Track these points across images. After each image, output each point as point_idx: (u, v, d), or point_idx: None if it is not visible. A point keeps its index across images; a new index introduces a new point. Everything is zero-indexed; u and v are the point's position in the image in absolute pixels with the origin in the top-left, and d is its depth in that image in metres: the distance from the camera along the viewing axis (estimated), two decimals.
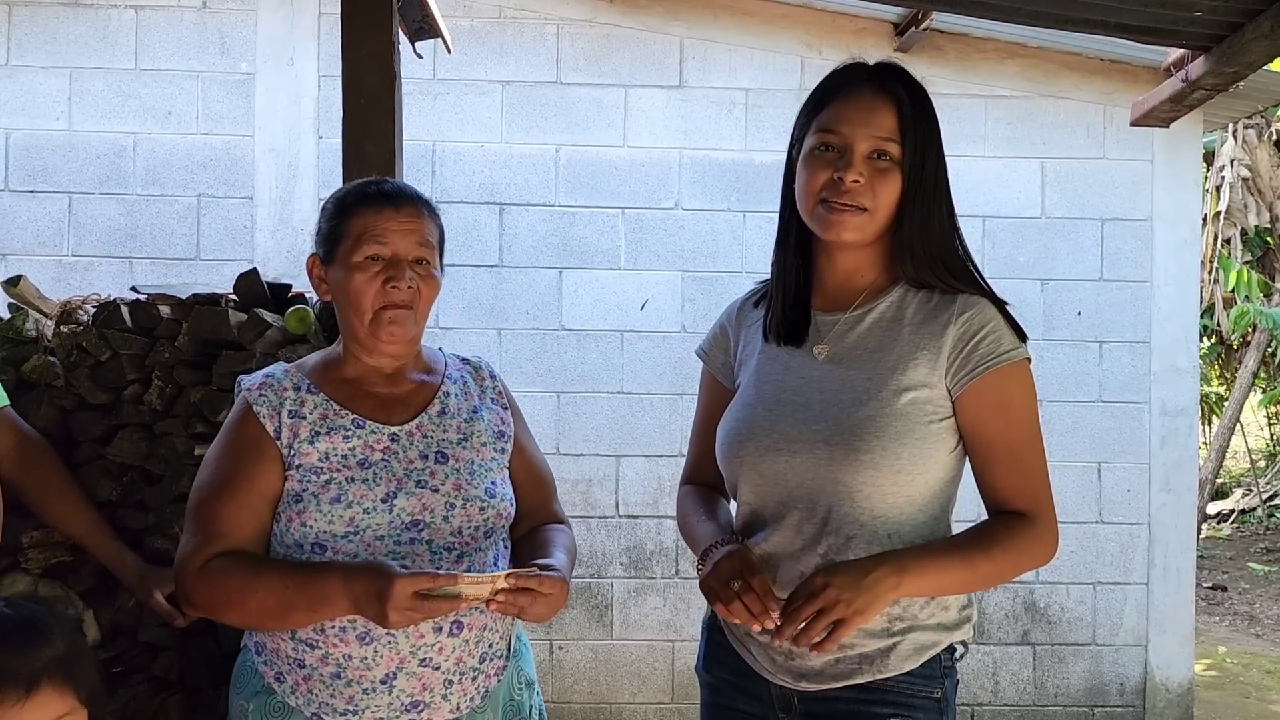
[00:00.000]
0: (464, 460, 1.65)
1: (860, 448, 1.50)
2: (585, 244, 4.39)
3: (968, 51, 4.40)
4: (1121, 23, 2.95)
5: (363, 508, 1.57)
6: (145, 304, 2.22)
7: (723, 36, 4.40)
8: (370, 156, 2.50)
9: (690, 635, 4.36)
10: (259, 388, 1.65)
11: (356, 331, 1.65)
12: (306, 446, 1.60)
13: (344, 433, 1.62)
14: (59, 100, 4.32)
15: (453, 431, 1.68)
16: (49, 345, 2.20)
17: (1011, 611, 4.42)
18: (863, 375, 1.56)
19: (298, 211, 4.34)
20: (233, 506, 1.58)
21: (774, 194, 1.75)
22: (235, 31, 4.34)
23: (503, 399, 1.79)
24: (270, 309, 2.28)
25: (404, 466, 1.61)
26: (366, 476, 1.59)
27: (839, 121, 1.56)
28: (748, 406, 1.62)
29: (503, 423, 1.75)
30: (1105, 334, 4.42)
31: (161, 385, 2.18)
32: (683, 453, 4.46)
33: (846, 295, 1.63)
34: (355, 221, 1.63)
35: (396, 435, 1.64)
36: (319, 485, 1.58)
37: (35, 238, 4.31)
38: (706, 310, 4.39)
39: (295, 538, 1.57)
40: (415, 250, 1.64)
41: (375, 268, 1.61)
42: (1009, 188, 4.44)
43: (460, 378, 1.76)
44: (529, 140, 4.39)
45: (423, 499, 1.59)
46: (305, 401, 1.64)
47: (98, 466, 2.16)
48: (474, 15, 4.37)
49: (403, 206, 1.65)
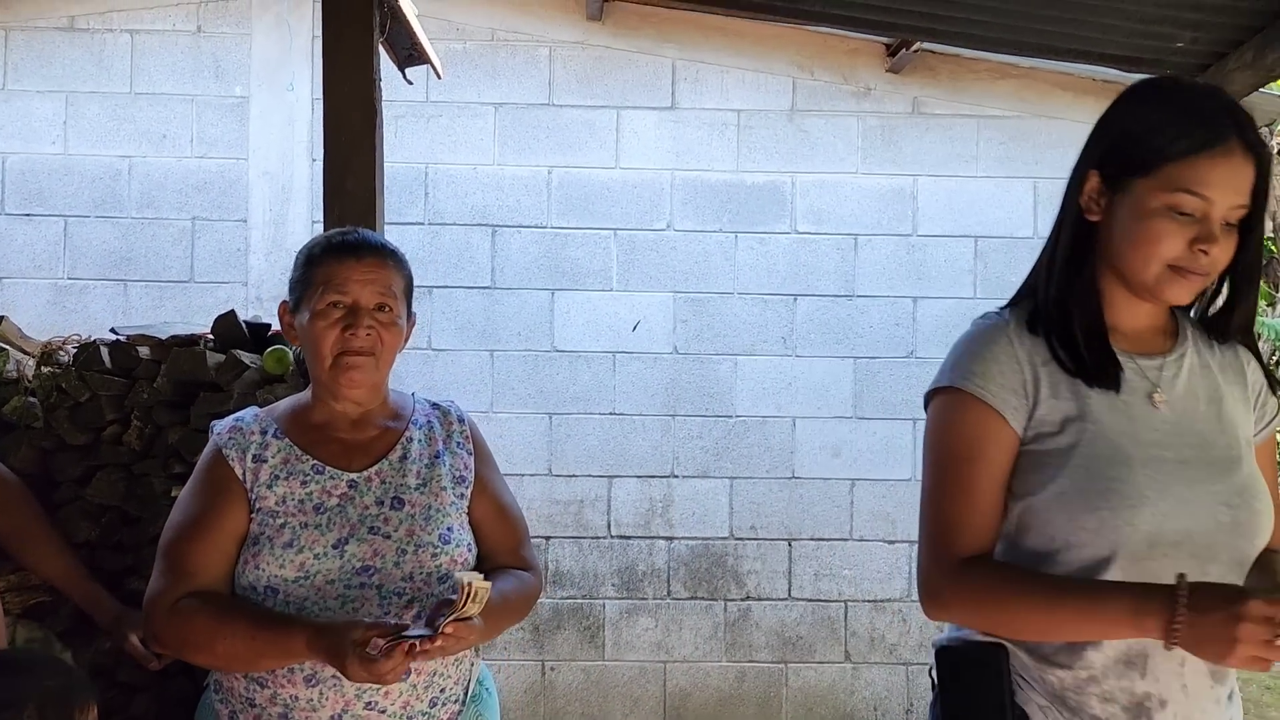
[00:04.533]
0: (420, 506, 1.68)
1: (1259, 509, 1.41)
2: (577, 265, 4.40)
3: (960, 72, 4.40)
4: (1105, 53, 2.96)
5: (314, 553, 1.60)
6: (124, 345, 2.24)
7: (714, 58, 4.41)
8: (353, 192, 2.52)
9: (682, 656, 4.37)
10: (229, 431, 1.70)
11: (319, 376, 1.69)
12: (266, 490, 1.64)
13: (302, 478, 1.65)
14: (54, 124, 4.35)
15: (412, 477, 1.70)
16: (29, 386, 2.22)
17: None
18: (1217, 428, 1.45)
19: (291, 234, 4.36)
20: (202, 546, 1.62)
21: (765, 215, 1.74)
22: (230, 55, 4.36)
23: (469, 443, 1.80)
24: (249, 348, 2.29)
25: (359, 512, 1.65)
26: (320, 522, 1.62)
27: (1208, 185, 1.37)
28: (1117, 463, 1.38)
29: (465, 468, 1.77)
30: None
31: (140, 426, 2.20)
32: (675, 473, 4.51)
33: (1149, 337, 1.50)
34: (320, 270, 1.68)
35: (355, 482, 1.67)
36: (274, 529, 1.62)
37: (31, 261, 4.34)
38: (698, 331, 4.40)
39: (249, 580, 1.61)
40: (376, 298, 1.67)
41: (336, 314, 1.66)
42: (1001, 207, 4.44)
43: (426, 423, 1.78)
44: (521, 162, 4.40)
45: (374, 545, 1.62)
46: (270, 445, 1.68)
47: (77, 507, 2.18)
48: (466, 38, 4.39)
49: (365, 256, 1.69)
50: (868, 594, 4.40)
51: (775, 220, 4.36)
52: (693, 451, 4.41)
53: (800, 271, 4.39)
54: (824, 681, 4.38)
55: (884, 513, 4.41)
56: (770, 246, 4.36)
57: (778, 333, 4.41)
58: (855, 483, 4.41)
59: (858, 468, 4.41)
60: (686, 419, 4.40)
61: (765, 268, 4.37)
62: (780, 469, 4.41)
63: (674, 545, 4.40)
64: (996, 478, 1.43)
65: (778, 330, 4.41)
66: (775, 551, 4.40)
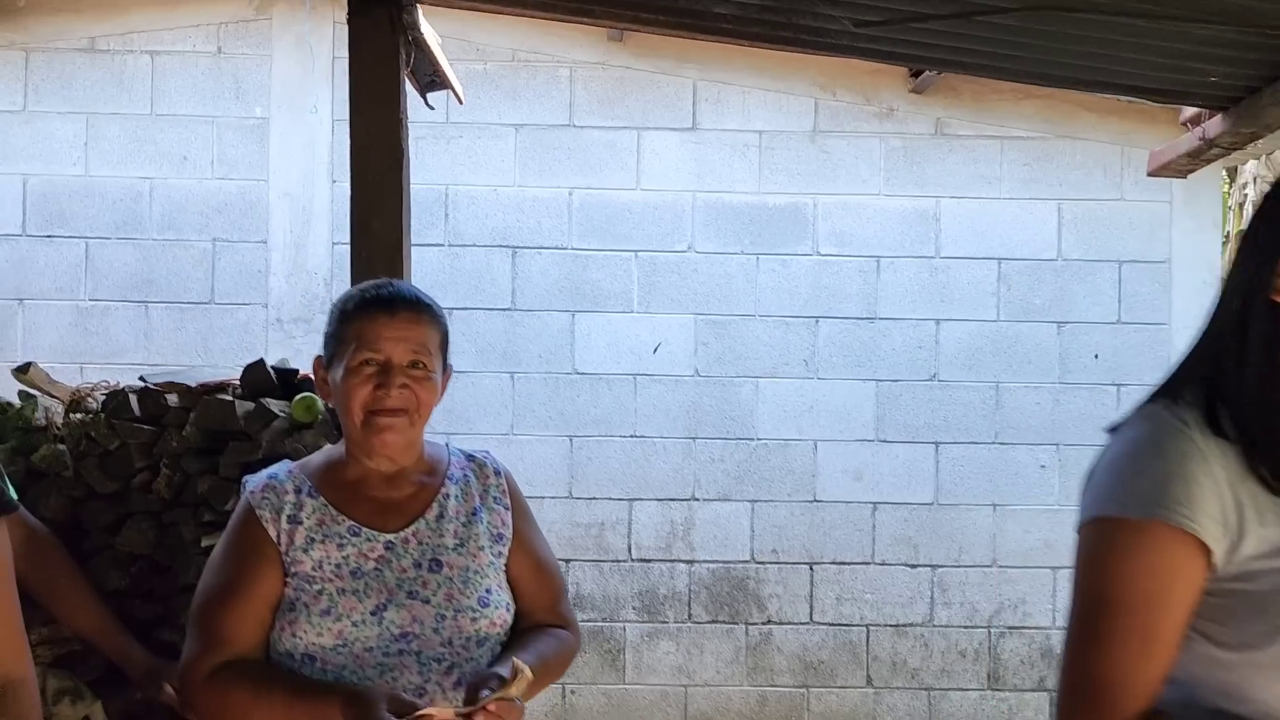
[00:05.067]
0: (458, 568, 1.66)
1: None
2: (598, 287, 4.38)
3: (983, 92, 4.36)
4: (1134, 85, 2.93)
5: (351, 620, 1.59)
6: (153, 392, 2.23)
7: (736, 78, 4.38)
8: (379, 233, 2.51)
9: (703, 680, 4.36)
10: (262, 490, 1.67)
11: (351, 433, 1.67)
12: (302, 554, 1.62)
13: (339, 540, 1.64)
14: (76, 146, 4.35)
15: (449, 537, 1.68)
16: (58, 433, 2.22)
17: (1028, 657, 4.38)
18: None
19: (312, 256, 4.36)
20: (236, 613, 1.60)
21: (787, 237, 1.71)
22: (250, 77, 4.35)
23: (506, 497, 1.78)
24: (277, 395, 2.29)
25: (396, 576, 1.63)
26: (358, 588, 1.61)
27: None
28: None
29: (502, 524, 1.74)
30: (1123, 377, 4.37)
31: (169, 474, 2.19)
32: (696, 496, 4.50)
33: None
34: (352, 327, 1.66)
35: (391, 543, 1.65)
36: (311, 595, 1.60)
37: (53, 283, 4.34)
38: (719, 354, 4.38)
39: (286, 647, 1.60)
40: (409, 355, 1.65)
41: (368, 371, 1.63)
42: (1025, 229, 4.40)
43: (463, 477, 1.76)
44: (542, 183, 4.39)
45: (413, 611, 1.61)
46: (304, 505, 1.65)
47: (107, 556, 2.18)
48: (487, 59, 4.37)
49: (398, 312, 1.66)
50: (890, 618, 4.37)
51: (797, 242, 4.34)
52: (714, 474, 4.39)
53: (822, 294, 4.36)
54: (846, 706, 4.36)
55: (906, 536, 4.39)
56: (792, 268, 4.34)
57: (799, 355, 4.39)
58: (877, 506, 4.39)
59: (880, 491, 4.39)
60: (708, 442, 4.38)
61: (787, 290, 4.35)
62: (802, 492, 4.39)
63: (695, 568, 4.39)
64: (1181, 624, 1.17)
65: (799, 353, 4.39)
66: (797, 575, 4.38)
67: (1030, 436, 4.34)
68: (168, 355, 4.33)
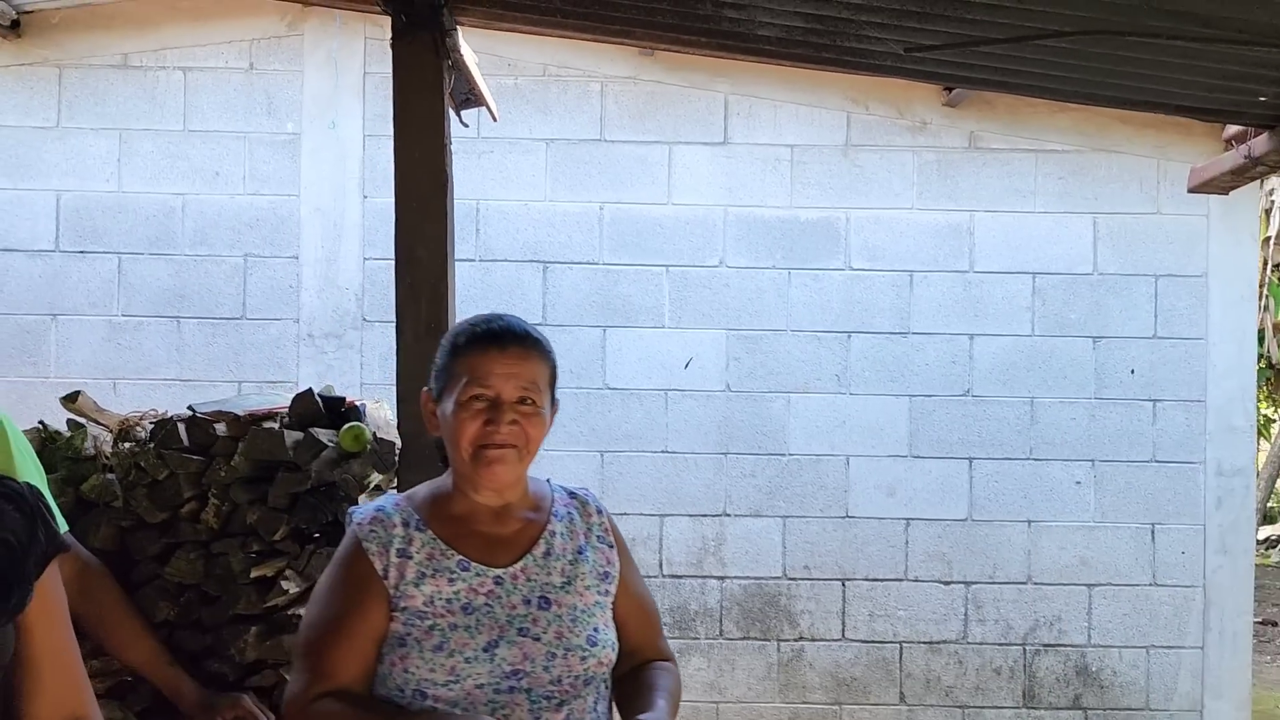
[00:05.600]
0: (566, 606, 1.66)
1: None
2: (629, 302, 4.37)
3: (1018, 105, 4.33)
4: (1181, 105, 2.90)
5: (464, 656, 1.59)
6: (201, 421, 2.22)
7: (767, 93, 4.36)
8: (422, 260, 2.51)
9: (735, 697, 4.34)
10: (370, 523, 1.67)
11: (460, 467, 1.68)
12: (412, 589, 1.62)
13: (449, 575, 1.64)
14: (109, 161, 4.36)
15: (557, 574, 1.68)
16: (107, 463, 2.21)
17: (1063, 675, 4.35)
18: None
19: (343, 271, 4.36)
20: (342, 648, 1.61)
21: (819, 251, 1.69)
22: (281, 92, 4.36)
23: (609, 535, 1.78)
24: (324, 424, 2.28)
25: (507, 612, 1.63)
26: (469, 623, 1.61)
27: None
28: None
29: (608, 563, 1.75)
30: (1159, 393, 4.33)
31: (218, 504, 2.18)
32: (727, 512, 4.47)
33: None
34: (462, 362, 1.66)
35: (501, 578, 1.66)
36: (422, 630, 1.60)
37: (86, 298, 4.36)
38: (751, 369, 4.36)
39: (398, 683, 1.60)
40: (518, 392, 1.64)
41: (478, 406, 1.63)
42: (1060, 243, 4.37)
43: (567, 514, 1.76)
44: (573, 198, 4.37)
45: (524, 648, 1.61)
46: (413, 540, 1.66)
47: (155, 586, 2.18)
48: (518, 73, 4.36)
49: (508, 347, 1.66)
50: (923, 635, 4.35)
51: (829, 257, 4.31)
52: (745, 490, 4.37)
53: (854, 308, 4.34)
54: None
55: (940, 553, 4.36)
56: (824, 283, 4.32)
57: (831, 370, 4.36)
58: (910, 522, 4.36)
59: (913, 507, 4.36)
60: (739, 457, 4.36)
61: (819, 304, 4.33)
62: (834, 508, 4.36)
63: (726, 584, 4.37)
64: None
65: (831, 368, 4.36)
66: (829, 591, 4.36)
67: (1065, 452, 4.30)
68: (199, 371, 4.33)
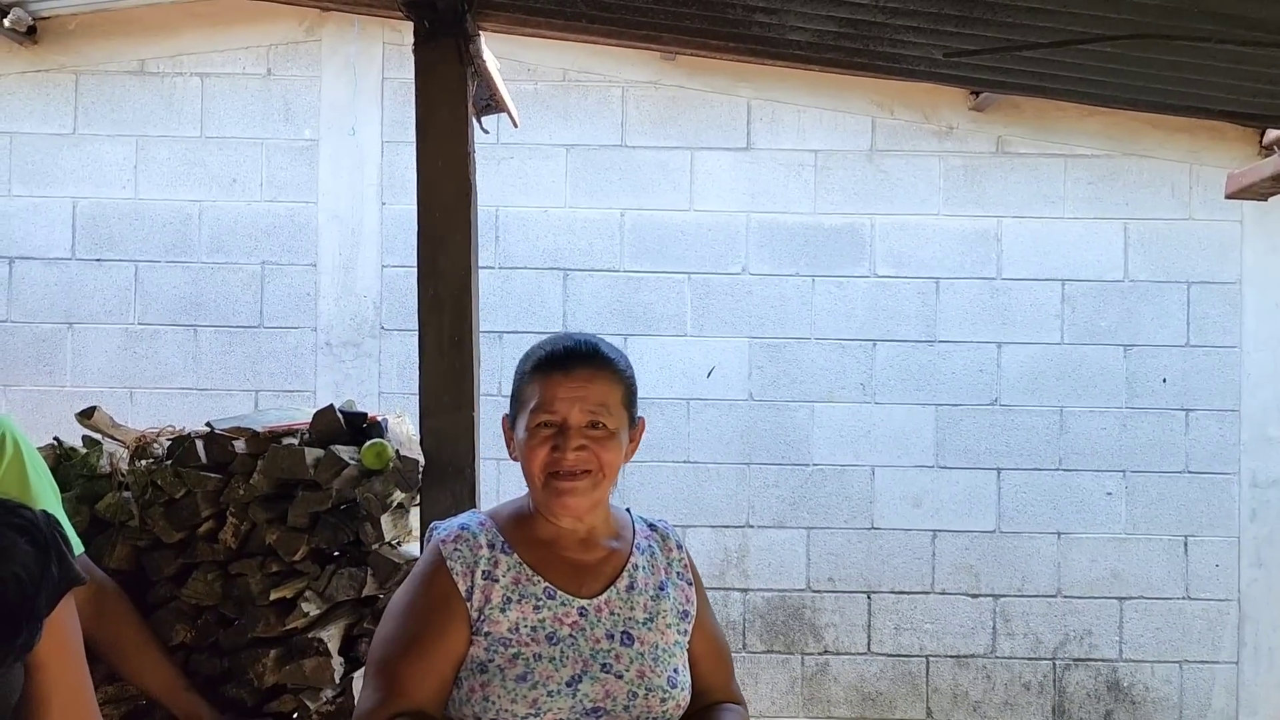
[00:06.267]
0: (649, 644, 1.62)
1: None
2: (650, 310, 4.30)
3: (1046, 109, 4.24)
4: (1225, 109, 2.81)
5: (547, 689, 1.55)
6: (220, 438, 2.17)
7: (791, 97, 4.29)
8: (445, 272, 2.44)
9: (758, 711, 4.26)
10: (454, 540, 1.62)
11: (535, 495, 1.64)
12: (498, 614, 1.58)
13: (535, 602, 1.59)
14: (125, 168, 4.32)
15: (639, 610, 1.64)
16: (123, 480, 2.16)
17: (1094, 690, 4.26)
18: None
19: (361, 278, 4.31)
20: (419, 667, 1.56)
21: (844, 258, 1.62)
22: (299, 99, 4.31)
23: (688, 572, 1.74)
24: (345, 440, 2.22)
25: (590, 646, 1.59)
26: (554, 654, 1.57)
27: None
28: None
29: (687, 600, 1.70)
30: (1192, 402, 4.24)
31: (236, 523, 2.13)
32: (750, 523, 4.41)
33: None
34: (530, 387, 1.62)
35: (585, 609, 1.61)
36: (506, 658, 1.55)
37: (102, 306, 4.32)
38: (774, 377, 4.28)
39: (475, 710, 1.55)
40: (587, 416, 1.59)
41: (545, 433, 1.59)
42: (1090, 250, 4.28)
43: (648, 547, 1.71)
44: (593, 204, 4.31)
45: (606, 685, 1.57)
46: (499, 562, 1.61)
47: (172, 609, 2.12)
48: (538, 78, 4.30)
49: (574, 371, 1.60)
50: (950, 649, 4.26)
51: (854, 263, 4.24)
52: (769, 501, 4.30)
53: (879, 316, 4.26)
54: None
55: (967, 565, 4.27)
56: (848, 290, 4.24)
57: (856, 379, 4.29)
58: (937, 534, 4.28)
59: (940, 518, 4.28)
60: (762, 467, 4.29)
61: (843, 312, 4.25)
62: (859, 519, 4.29)
63: (750, 596, 4.29)
64: None
65: (856, 376, 4.29)
66: (854, 604, 4.28)
67: (1096, 463, 4.21)
68: (216, 379, 4.29)
